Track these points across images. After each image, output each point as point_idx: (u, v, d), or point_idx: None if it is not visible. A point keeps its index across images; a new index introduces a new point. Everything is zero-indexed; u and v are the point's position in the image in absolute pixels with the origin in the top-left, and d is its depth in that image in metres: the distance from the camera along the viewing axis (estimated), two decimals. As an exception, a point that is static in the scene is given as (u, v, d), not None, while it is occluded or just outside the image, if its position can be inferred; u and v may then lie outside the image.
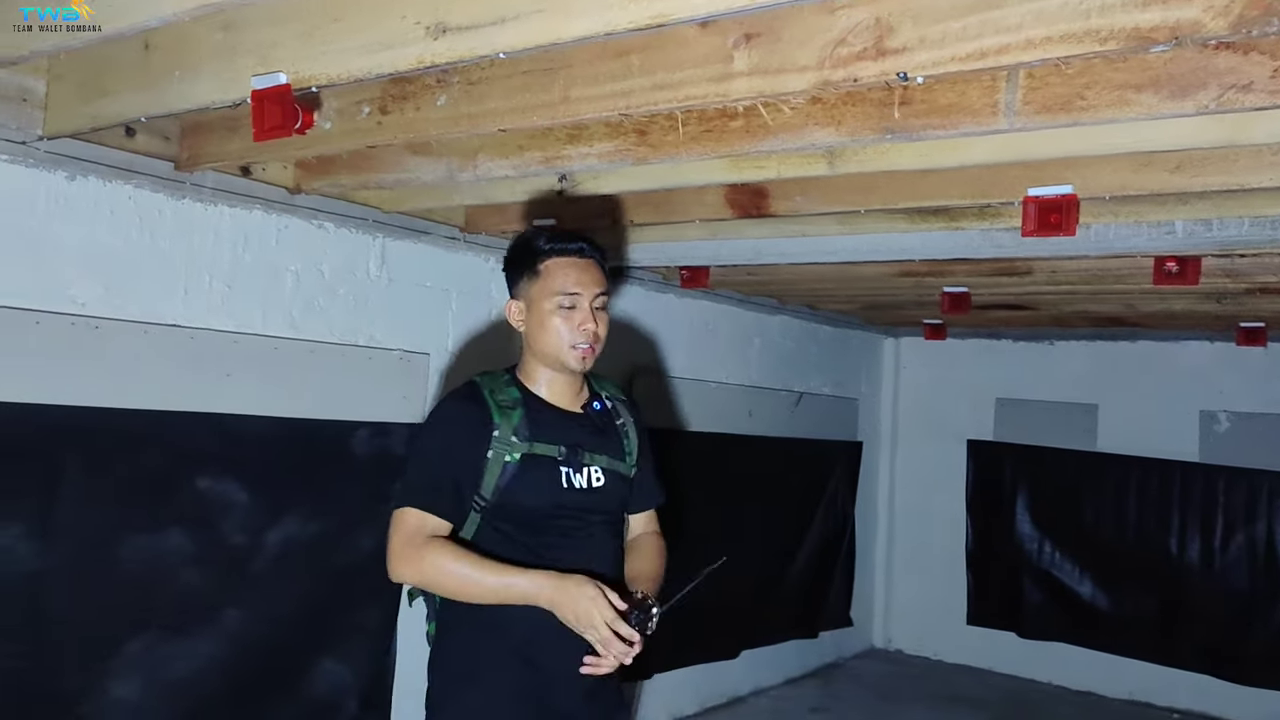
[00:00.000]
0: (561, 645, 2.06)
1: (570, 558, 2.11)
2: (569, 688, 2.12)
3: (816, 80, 1.78)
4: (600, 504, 2.19)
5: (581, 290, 2.18)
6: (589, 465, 2.18)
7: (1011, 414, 6.50)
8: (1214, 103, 1.76)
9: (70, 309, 2.79)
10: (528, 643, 2.09)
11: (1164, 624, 5.81)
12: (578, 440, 2.19)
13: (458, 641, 2.17)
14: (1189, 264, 3.26)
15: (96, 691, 2.83)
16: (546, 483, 2.12)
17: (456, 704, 2.16)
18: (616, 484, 2.23)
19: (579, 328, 2.16)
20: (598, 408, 2.29)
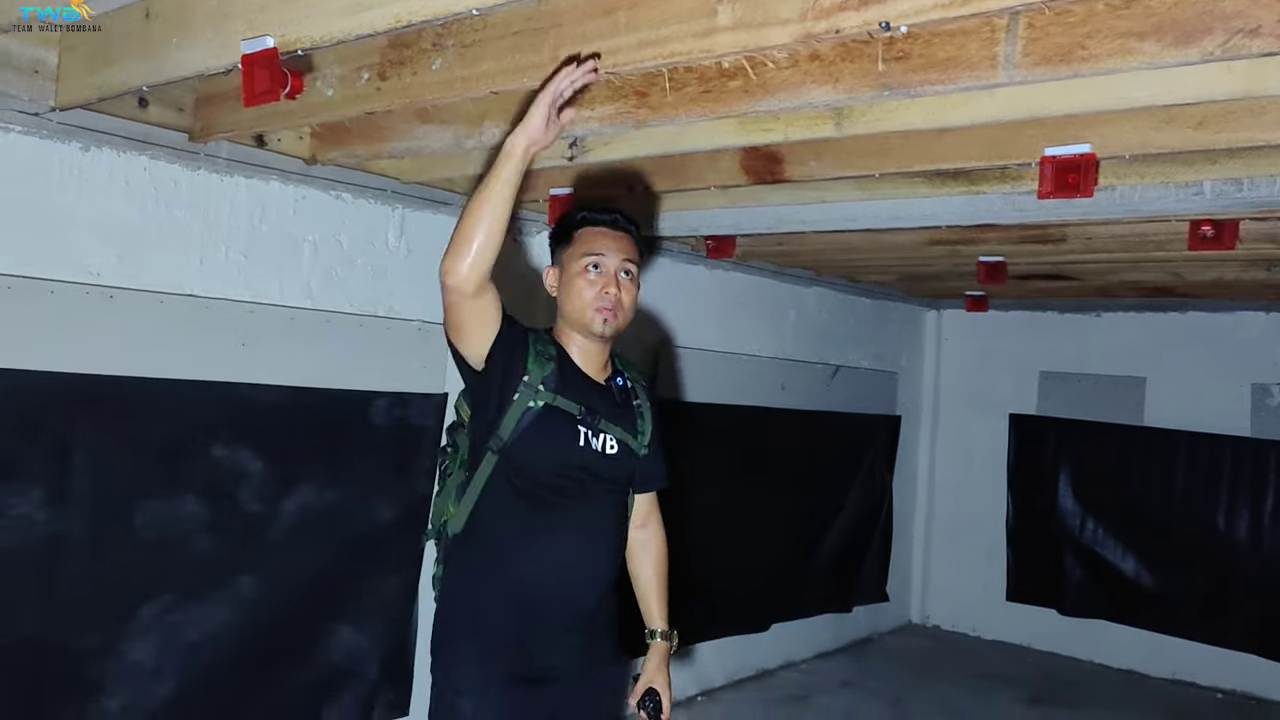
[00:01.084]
0: (557, 598, 2.15)
1: (574, 515, 2.18)
2: (564, 639, 2.18)
3: (799, 32, 1.72)
4: (610, 471, 2.24)
5: (607, 254, 2.24)
6: (605, 432, 2.23)
7: (1056, 387, 6.35)
8: (1219, 49, 1.67)
9: (85, 278, 2.84)
10: (527, 593, 2.15)
11: (1211, 603, 5.66)
12: (597, 406, 2.24)
13: (462, 587, 2.22)
14: (1225, 227, 3.13)
15: (112, 654, 2.90)
16: (564, 436, 2.17)
17: (455, 648, 2.21)
18: (627, 457, 2.28)
19: (602, 290, 2.22)
20: (619, 383, 2.34)
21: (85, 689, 2.84)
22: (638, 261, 2.30)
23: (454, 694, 2.16)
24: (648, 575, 2.42)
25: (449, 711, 2.16)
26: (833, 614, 5.99)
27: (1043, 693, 5.48)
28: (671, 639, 2.41)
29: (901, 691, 5.36)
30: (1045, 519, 6.27)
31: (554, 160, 3.11)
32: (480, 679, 2.14)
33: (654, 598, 2.42)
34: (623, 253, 2.26)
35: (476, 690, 2.13)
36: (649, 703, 2.33)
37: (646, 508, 2.44)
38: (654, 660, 2.37)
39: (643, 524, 2.42)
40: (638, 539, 2.41)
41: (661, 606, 2.41)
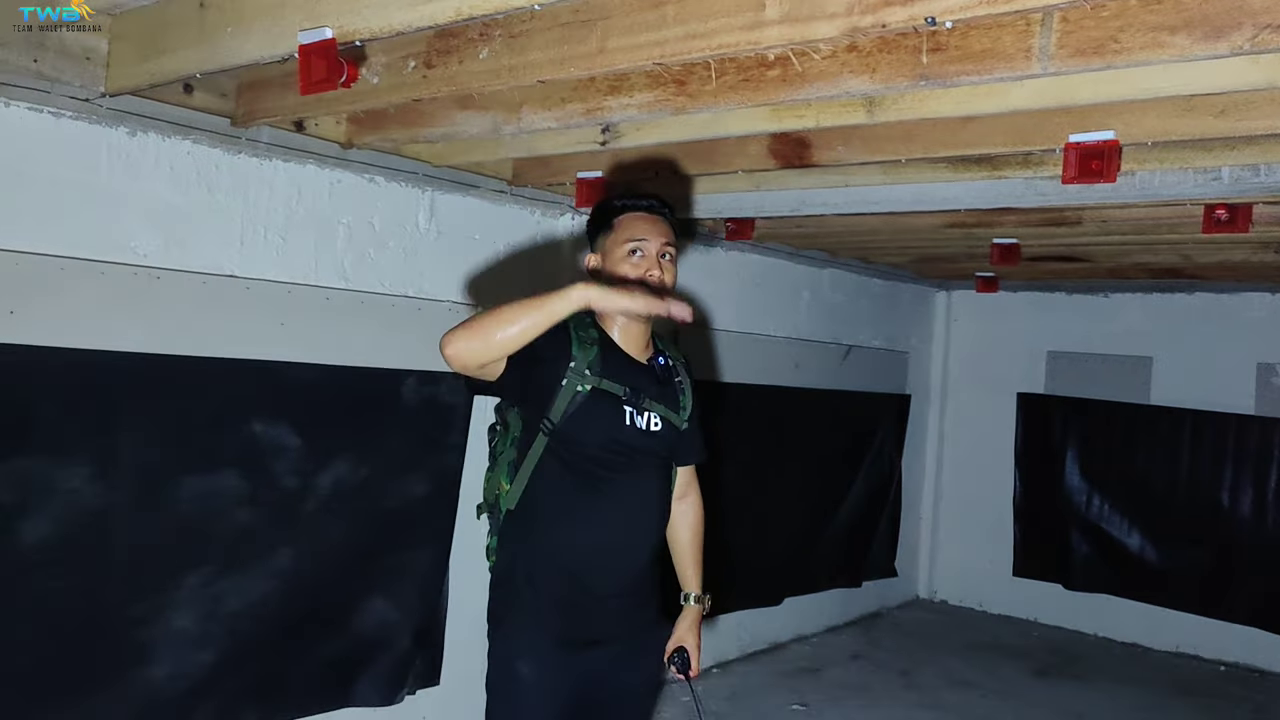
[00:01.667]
0: (606, 568, 2.26)
1: (622, 489, 2.28)
2: (611, 606, 2.29)
3: (846, 27, 1.80)
4: (653, 447, 2.33)
5: (648, 238, 2.32)
6: (649, 410, 2.32)
7: (1063, 367, 6.45)
8: (1248, 43, 1.75)
9: (132, 260, 2.92)
10: (578, 563, 2.25)
11: (1215, 578, 5.78)
12: (641, 386, 2.32)
13: (517, 559, 2.31)
14: (1239, 211, 3.21)
15: (157, 621, 3.00)
16: (610, 417, 2.26)
17: (512, 616, 2.30)
18: (670, 433, 2.37)
19: (646, 273, 2.29)
20: (661, 363, 2.42)
21: (134, 656, 2.94)
22: (675, 244, 2.38)
23: (512, 659, 2.27)
24: (684, 543, 2.53)
25: (507, 675, 2.27)
26: (843, 589, 6.11)
27: (1048, 665, 5.61)
28: (704, 603, 2.52)
29: (910, 664, 5.48)
30: (1052, 496, 6.39)
31: (586, 145, 3.19)
32: (536, 644, 2.24)
33: (689, 564, 2.53)
34: (662, 236, 2.34)
35: (533, 655, 2.24)
36: (678, 659, 2.44)
37: (686, 480, 2.54)
38: (686, 621, 2.48)
39: (682, 495, 2.52)
40: (677, 509, 2.51)
41: (696, 572, 2.53)
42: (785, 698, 4.80)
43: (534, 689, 2.25)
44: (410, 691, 3.69)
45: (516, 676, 2.25)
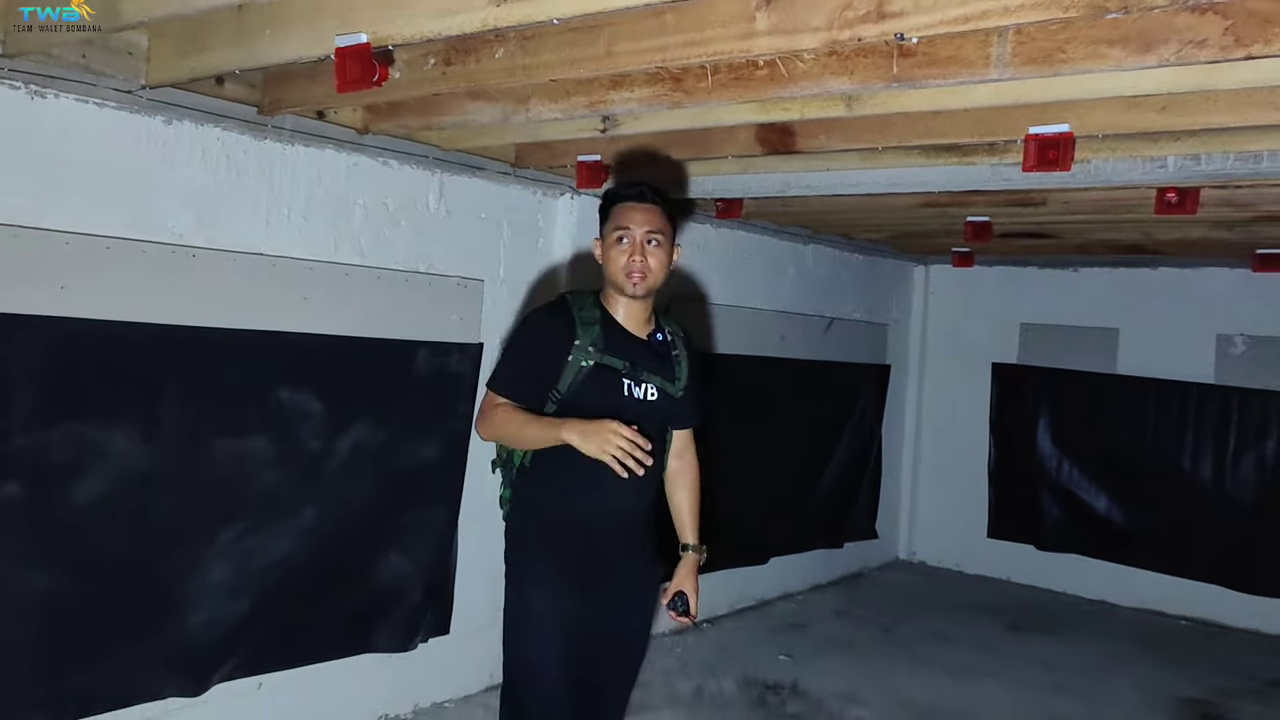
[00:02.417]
0: (607, 517, 2.56)
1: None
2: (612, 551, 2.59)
3: (826, 39, 2.06)
4: (650, 414, 2.60)
5: (632, 226, 2.55)
6: (646, 382, 2.59)
7: (1035, 338, 6.74)
8: (1174, 56, 2.02)
9: (170, 239, 3.16)
10: (582, 513, 2.55)
11: (1176, 537, 6.12)
12: (639, 360, 2.59)
13: (529, 510, 2.62)
14: (1188, 195, 3.49)
15: (196, 574, 3.26)
16: (611, 387, 2.54)
17: (525, 557, 2.61)
18: (666, 401, 2.64)
19: (629, 258, 2.53)
20: (659, 338, 2.69)
21: (175, 605, 3.21)
22: (663, 229, 2.59)
23: (525, 591, 2.57)
24: (681, 498, 2.81)
25: (522, 605, 2.57)
26: (826, 549, 6.42)
27: (1021, 621, 5.93)
28: (701, 552, 2.80)
29: (890, 620, 5.80)
30: (1024, 461, 6.71)
31: (587, 132, 3.44)
32: (547, 581, 2.54)
33: (687, 517, 2.80)
34: (648, 224, 2.56)
35: (542, 589, 2.54)
36: (679, 603, 2.73)
37: (683, 442, 2.81)
38: (684, 569, 2.76)
39: (679, 455, 2.79)
40: (675, 468, 2.79)
41: (694, 525, 2.80)
42: (772, 650, 5.10)
43: (546, 619, 2.54)
44: (422, 640, 3.96)
45: (531, 609, 2.55)
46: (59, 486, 2.92)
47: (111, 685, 3.11)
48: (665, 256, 2.59)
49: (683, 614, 2.73)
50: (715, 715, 4.20)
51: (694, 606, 2.74)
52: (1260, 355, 5.88)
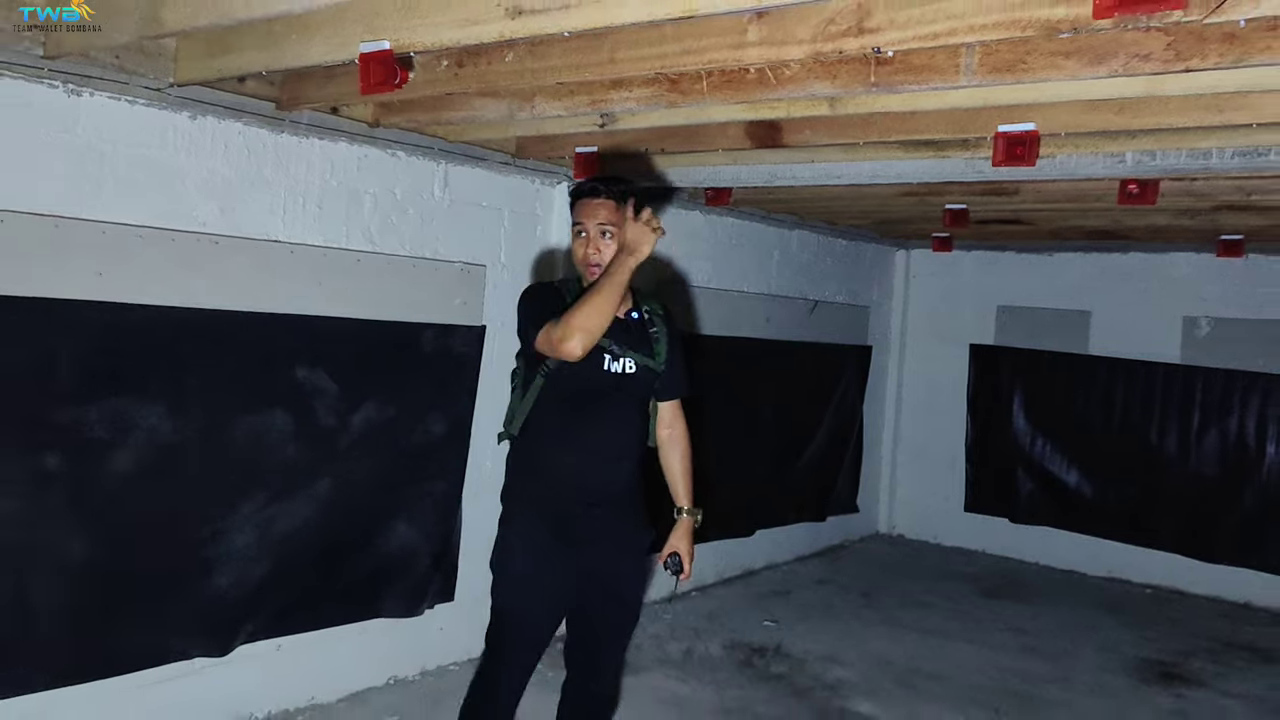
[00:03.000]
0: (588, 482, 2.77)
1: (601, 419, 2.79)
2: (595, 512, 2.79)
3: (811, 51, 2.28)
4: (629, 386, 2.83)
5: (585, 221, 2.78)
6: (624, 357, 2.81)
7: (1011, 320, 7.01)
8: (1122, 68, 2.26)
9: (195, 228, 3.36)
10: (564, 475, 2.76)
11: (1142, 509, 6.42)
12: (617, 338, 2.80)
13: (518, 471, 2.86)
14: (1147, 186, 3.74)
15: (221, 541, 3.49)
16: (591, 362, 2.72)
17: (513, 515, 2.84)
18: (645, 374, 2.86)
19: (585, 250, 2.77)
20: (635, 317, 2.90)
21: (203, 568, 3.43)
22: (617, 221, 2.73)
23: (511, 553, 2.82)
24: (673, 466, 3.02)
25: (506, 563, 2.82)
26: (809, 523, 6.70)
27: (994, 588, 6.22)
28: (695, 515, 3.01)
29: (870, 588, 6.07)
30: (1000, 438, 7.00)
31: (586, 127, 3.65)
32: (529, 542, 2.78)
33: (680, 483, 3.01)
34: (600, 217, 2.75)
35: (526, 551, 2.78)
36: (673, 562, 2.96)
37: (671, 412, 3.01)
38: (679, 531, 2.98)
39: (669, 425, 3.00)
40: (666, 437, 2.99)
41: (687, 490, 3.01)
42: (759, 615, 5.37)
43: (525, 578, 2.80)
44: (429, 606, 4.20)
45: (513, 567, 2.81)
46: (97, 458, 3.13)
47: (144, 645, 3.33)
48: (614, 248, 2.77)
49: (676, 572, 2.96)
50: (705, 676, 4.45)
51: (688, 566, 2.97)
52: (1224, 336, 6.16)
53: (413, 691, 4.08)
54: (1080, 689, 4.57)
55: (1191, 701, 4.52)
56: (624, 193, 2.80)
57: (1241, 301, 6.08)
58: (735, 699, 4.20)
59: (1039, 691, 4.50)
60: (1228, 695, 4.62)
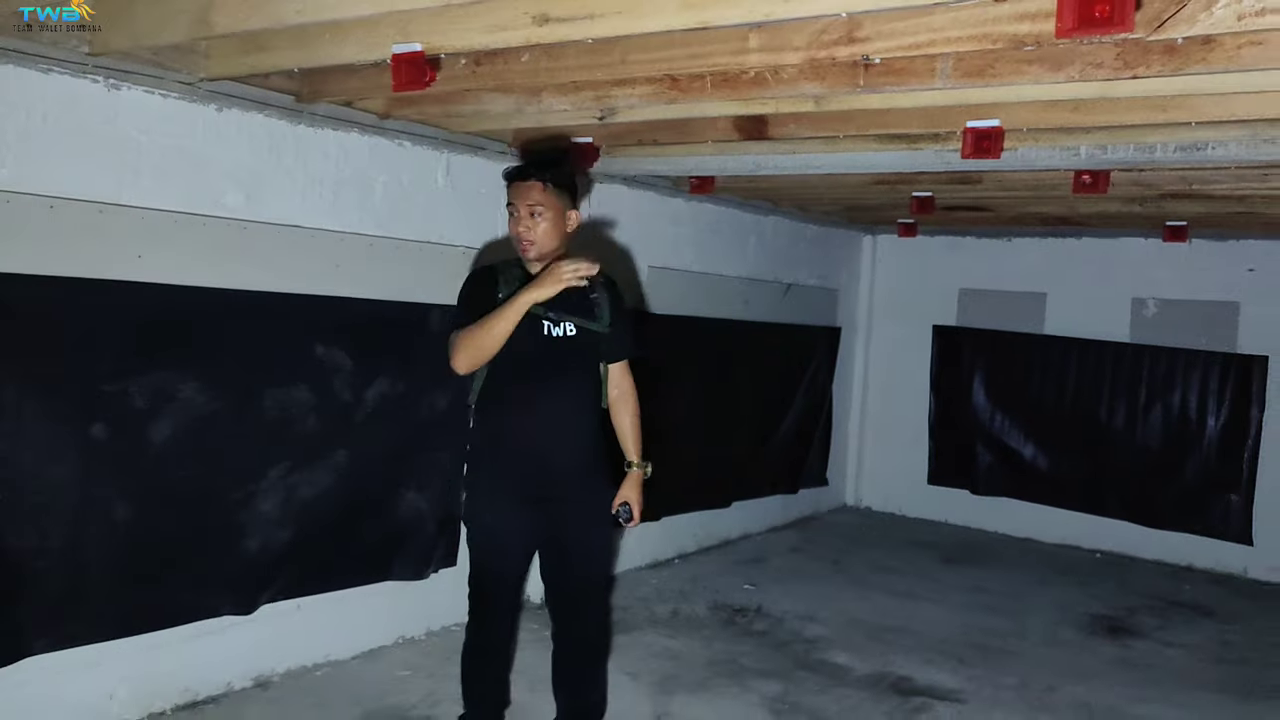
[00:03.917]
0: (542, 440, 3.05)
1: (550, 382, 3.07)
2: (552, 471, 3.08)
3: (806, 57, 2.58)
4: (572, 348, 3.10)
5: (517, 202, 3.06)
6: (564, 322, 3.10)
7: (972, 302, 7.39)
8: (1078, 74, 2.58)
9: (224, 214, 3.60)
10: (519, 438, 3.05)
11: (1093, 480, 6.84)
12: (554, 304, 3.05)
13: (478, 438, 3.17)
14: (1099, 177, 4.09)
15: (250, 505, 3.73)
16: (531, 330, 3.03)
17: (476, 480, 3.14)
18: (587, 337, 3.13)
19: (517, 229, 3.06)
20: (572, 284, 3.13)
21: (233, 532, 3.68)
22: (545, 201, 3.04)
23: (479, 511, 3.15)
24: (623, 423, 3.27)
25: (476, 522, 3.18)
26: (782, 495, 7.05)
27: (956, 555, 6.60)
28: (644, 468, 3.26)
29: (839, 555, 6.43)
30: (961, 414, 7.38)
31: (586, 120, 3.92)
32: (495, 500, 3.10)
33: (629, 439, 3.27)
34: (529, 198, 3.04)
35: (492, 508, 3.11)
36: (624, 511, 3.21)
37: (619, 373, 3.26)
38: (629, 482, 3.25)
39: (617, 386, 3.26)
40: (615, 397, 3.25)
41: (636, 445, 3.26)
42: (737, 580, 5.70)
43: (495, 532, 3.13)
44: (434, 570, 4.46)
45: (482, 523, 3.15)
46: (139, 428, 3.37)
47: (178, 603, 3.57)
48: (551, 225, 3.07)
49: (626, 520, 3.23)
50: (692, 633, 4.77)
51: (636, 514, 3.24)
52: (1169, 317, 6.58)
53: (421, 649, 4.35)
54: (1035, 641, 4.95)
55: (1135, 651, 4.91)
56: (554, 175, 3.09)
57: (1186, 283, 6.49)
58: (722, 652, 4.52)
59: (998, 643, 4.86)
60: (1168, 645, 5.02)
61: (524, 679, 3.67)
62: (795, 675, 4.30)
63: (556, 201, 3.09)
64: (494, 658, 3.31)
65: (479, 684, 3.30)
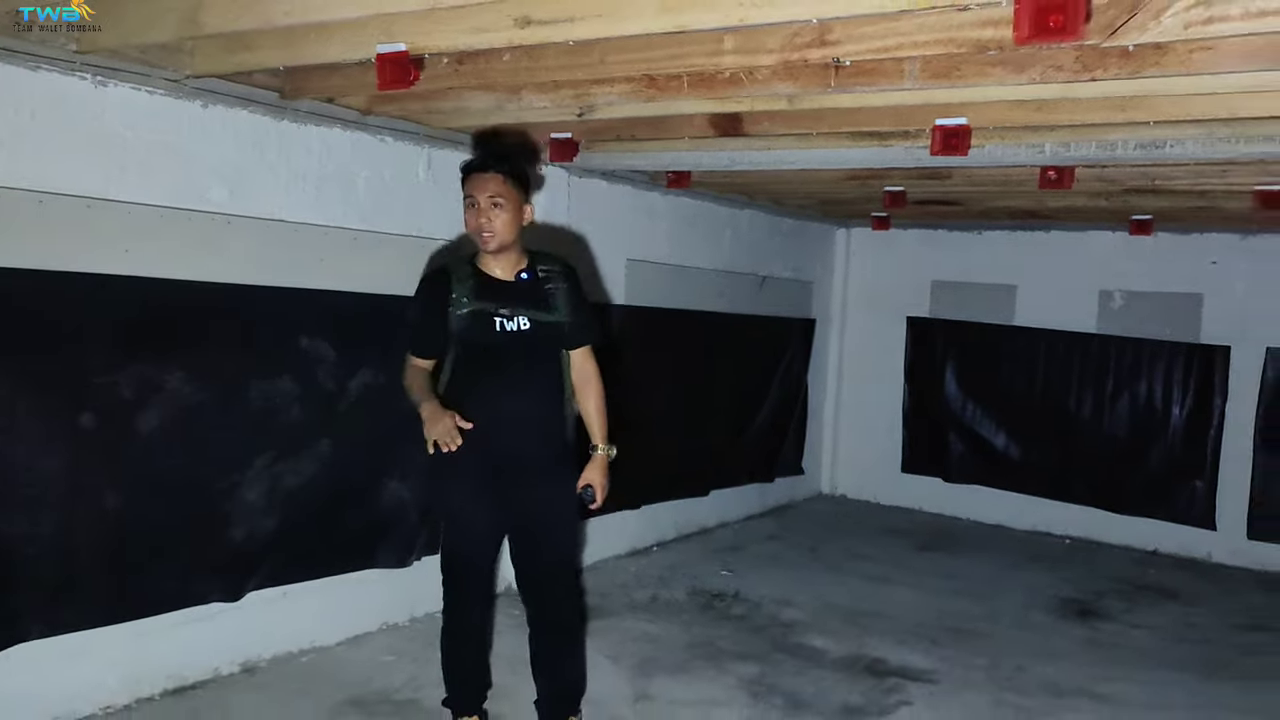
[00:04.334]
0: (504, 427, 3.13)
1: (507, 370, 3.16)
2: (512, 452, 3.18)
3: (779, 59, 2.68)
4: (527, 339, 3.17)
5: (476, 194, 3.11)
6: (518, 315, 3.17)
7: (945, 294, 7.52)
8: (1039, 77, 2.69)
9: (209, 208, 3.66)
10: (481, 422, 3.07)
11: (1062, 468, 7.01)
12: (508, 299, 3.16)
13: None
14: (1064, 172, 4.21)
15: (236, 495, 3.80)
16: (487, 325, 3.14)
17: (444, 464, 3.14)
18: (542, 328, 3.19)
19: (477, 220, 3.11)
20: (525, 277, 3.24)
21: (220, 520, 3.75)
22: (505, 192, 3.09)
23: (446, 493, 3.26)
24: (588, 408, 3.33)
25: (444, 509, 3.31)
26: (759, 484, 7.17)
27: (929, 542, 6.74)
28: (608, 451, 3.31)
29: (815, 542, 6.55)
30: (934, 404, 7.53)
31: (565, 116, 4.00)
32: (462, 483, 3.19)
33: (594, 423, 3.33)
34: (490, 190, 3.08)
35: (458, 490, 3.20)
36: (587, 493, 3.28)
37: (581, 359, 3.32)
38: (593, 466, 3.30)
39: (579, 371, 3.33)
40: (578, 382, 3.31)
41: (600, 429, 3.32)
42: (715, 566, 5.81)
43: (463, 519, 3.25)
44: (417, 558, 4.52)
45: (450, 510, 3.26)
46: (127, 418, 3.43)
47: (166, 590, 3.64)
48: (509, 216, 3.13)
49: (590, 502, 3.31)
50: (671, 617, 4.88)
51: (599, 496, 3.31)
52: (1135, 309, 6.74)
53: (405, 635, 4.43)
54: (1006, 623, 5.09)
55: (1102, 632, 5.06)
56: (511, 168, 3.16)
57: (1151, 276, 6.65)
58: (700, 635, 4.63)
59: (970, 626, 5.00)
60: (1134, 627, 5.17)
61: (505, 662, 3.76)
62: (772, 658, 4.41)
63: (515, 193, 3.15)
64: (470, 640, 3.40)
65: (458, 667, 3.40)
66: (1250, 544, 6.45)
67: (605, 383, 3.36)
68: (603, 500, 3.34)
